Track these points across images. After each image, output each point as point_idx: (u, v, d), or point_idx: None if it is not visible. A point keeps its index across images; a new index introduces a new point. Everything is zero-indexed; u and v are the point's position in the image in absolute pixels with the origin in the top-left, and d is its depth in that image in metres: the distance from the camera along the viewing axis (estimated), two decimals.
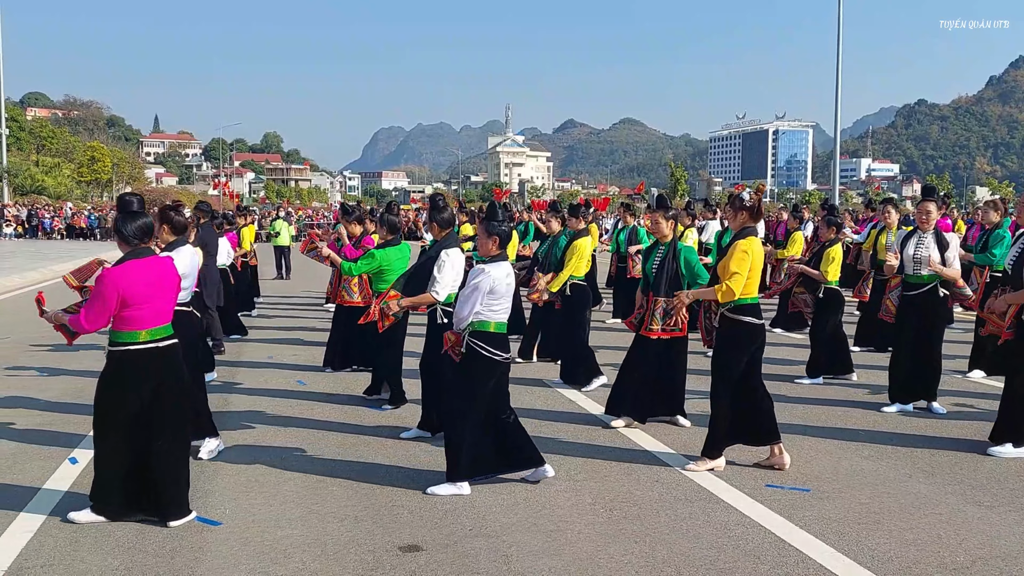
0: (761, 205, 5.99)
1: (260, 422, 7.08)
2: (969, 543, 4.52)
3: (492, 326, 5.32)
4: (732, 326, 5.70)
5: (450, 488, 5.26)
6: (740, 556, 4.36)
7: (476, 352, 5.28)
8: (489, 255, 5.45)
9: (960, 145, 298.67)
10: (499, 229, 5.44)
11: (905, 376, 7.37)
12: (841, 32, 37.70)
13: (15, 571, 4.22)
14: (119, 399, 4.83)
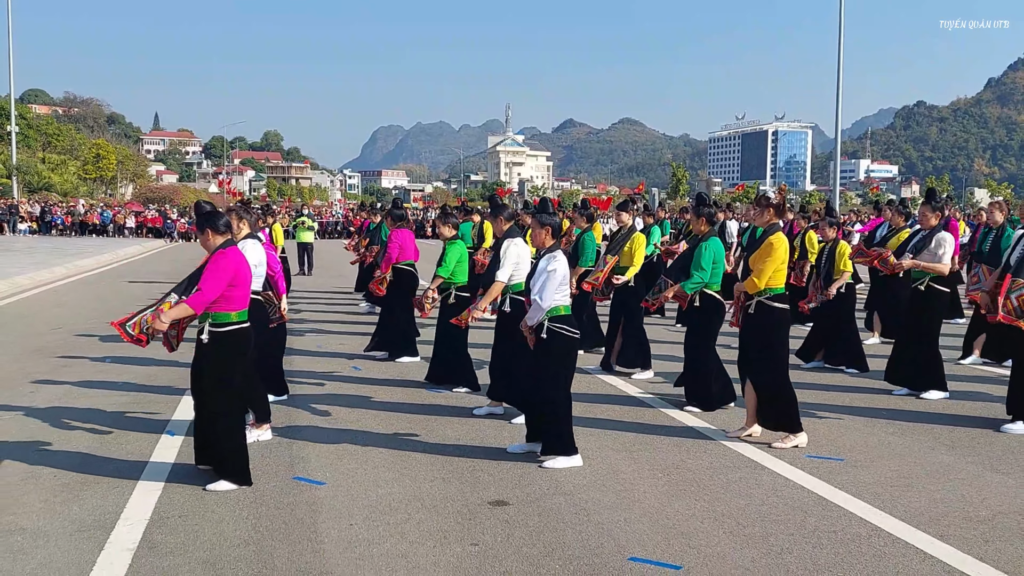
0: (785, 203, 6.62)
1: (328, 403, 7.69)
2: (990, 501, 5.15)
3: (563, 309, 5.89)
4: (769, 312, 6.32)
5: (566, 461, 5.79)
6: (789, 511, 4.99)
7: (557, 334, 5.83)
8: (544, 246, 6.04)
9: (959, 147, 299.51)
10: (551, 220, 6.05)
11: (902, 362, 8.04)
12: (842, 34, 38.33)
13: (156, 520, 4.82)
14: (231, 370, 5.47)
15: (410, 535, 4.62)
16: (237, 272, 5.42)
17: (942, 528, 4.71)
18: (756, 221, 6.65)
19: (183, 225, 48.67)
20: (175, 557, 4.33)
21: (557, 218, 6.15)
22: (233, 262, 5.41)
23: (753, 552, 4.39)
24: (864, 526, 4.75)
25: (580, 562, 4.26)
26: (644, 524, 4.79)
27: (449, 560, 4.29)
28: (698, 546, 4.47)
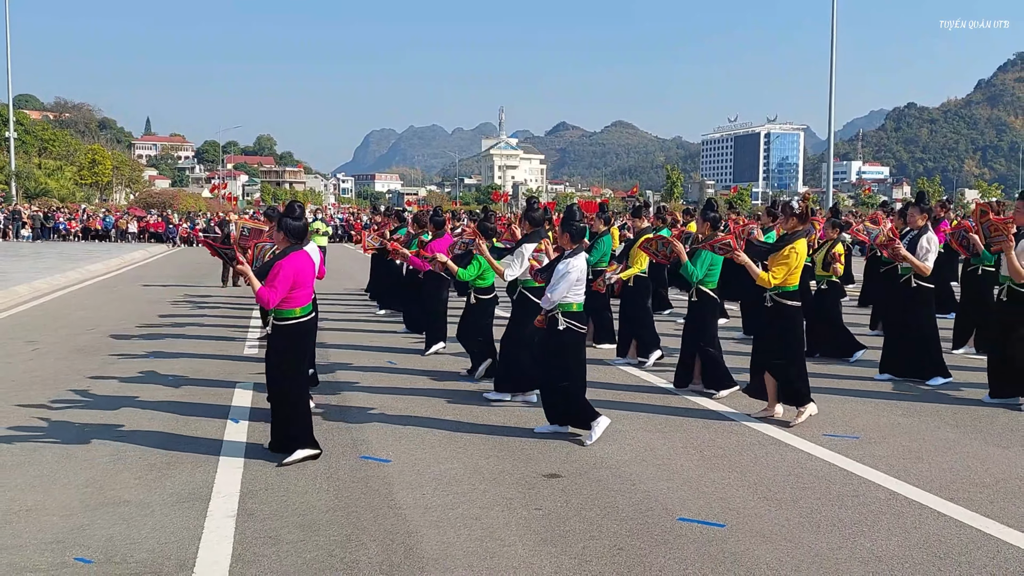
0: (808, 211, 7.21)
1: (375, 393, 8.25)
2: (993, 470, 5.74)
3: (575, 306, 6.51)
4: (783, 310, 6.89)
5: (598, 427, 6.41)
6: (815, 480, 5.56)
7: (568, 328, 6.47)
8: (568, 248, 6.64)
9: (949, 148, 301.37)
10: (572, 227, 6.67)
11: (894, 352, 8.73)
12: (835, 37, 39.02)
13: (246, 492, 5.37)
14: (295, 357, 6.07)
15: (478, 502, 5.18)
16: (299, 274, 5.99)
17: (952, 492, 5.29)
18: (783, 226, 7.24)
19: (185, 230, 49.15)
20: (274, 521, 4.88)
21: (580, 225, 6.77)
22: (296, 265, 5.98)
23: (787, 512, 4.96)
24: (882, 491, 5.32)
25: (635, 522, 4.83)
26: (685, 491, 5.36)
27: (518, 521, 4.85)
28: (736, 508, 5.04)
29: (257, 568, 4.26)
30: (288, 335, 6.06)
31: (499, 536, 4.64)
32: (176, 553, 4.45)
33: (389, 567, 4.25)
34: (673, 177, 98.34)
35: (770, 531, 4.68)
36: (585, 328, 6.63)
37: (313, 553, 4.43)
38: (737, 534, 4.64)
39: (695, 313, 8.15)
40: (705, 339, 8.07)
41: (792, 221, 7.02)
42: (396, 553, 4.42)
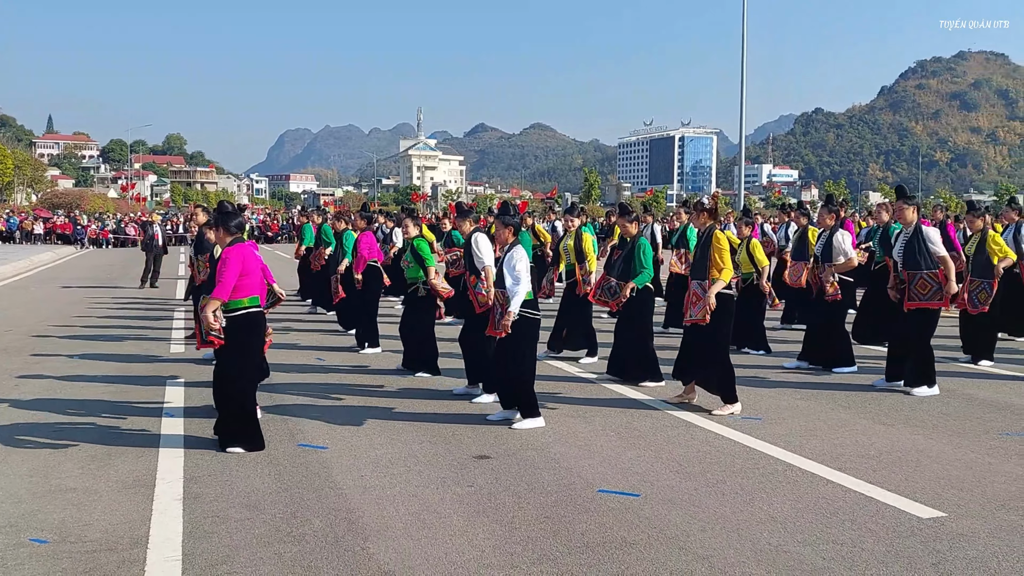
0: (718, 208, 7.79)
1: (307, 388, 8.54)
2: (877, 445, 6.37)
3: (527, 295, 6.93)
4: (723, 301, 7.40)
5: (532, 422, 6.85)
6: (720, 455, 6.10)
7: (524, 317, 6.89)
8: (508, 243, 7.07)
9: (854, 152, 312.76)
10: (512, 221, 7.10)
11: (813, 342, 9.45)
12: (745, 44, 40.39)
13: (190, 478, 5.63)
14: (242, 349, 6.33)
15: (414, 481, 5.55)
16: (245, 262, 6.29)
17: (841, 463, 5.89)
18: (694, 223, 7.77)
19: (93, 231, 47.95)
20: (220, 503, 5.17)
21: (518, 219, 7.22)
22: (242, 254, 6.27)
23: (695, 483, 5.48)
24: (780, 464, 5.89)
25: (559, 494, 5.27)
26: (605, 467, 5.83)
27: (453, 497, 5.24)
28: (651, 481, 5.53)
29: (208, 543, 4.55)
30: (236, 325, 6.31)
31: (435, 510, 5.02)
32: (128, 532, 4.70)
33: (334, 538, 4.59)
34: (591, 180, 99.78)
35: (680, 499, 5.18)
36: (538, 315, 7.02)
37: (261, 529, 4.74)
38: (651, 502, 5.13)
39: (633, 307, 8.59)
40: (641, 332, 8.57)
41: (703, 216, 7.58)
42: (339, 527, 4.77)
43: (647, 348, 8.53)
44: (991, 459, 6.02)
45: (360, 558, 4.34)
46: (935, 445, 6.38)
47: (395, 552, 4.41)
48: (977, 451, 6.22)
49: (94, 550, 4.45)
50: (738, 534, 4.63)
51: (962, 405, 7.70)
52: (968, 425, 6.98)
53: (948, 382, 8.54)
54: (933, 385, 8.08)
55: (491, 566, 4.23)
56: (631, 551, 4.39)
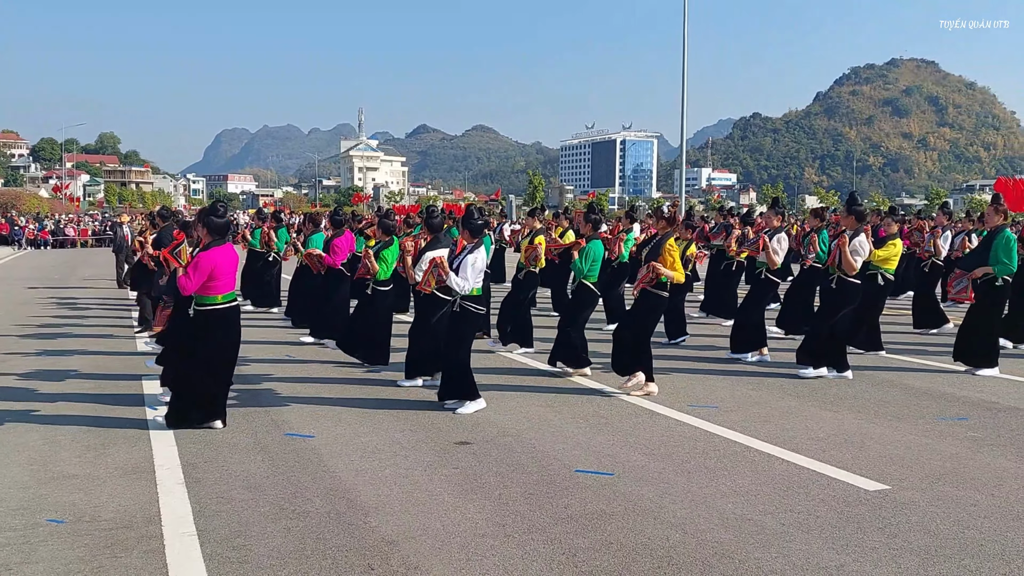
0: (676, 215, 8.37)
1: (282, 380, 8.83)
2: (824, 429, 6.93)
3: (474, 291, 7.39)
4: (652, 297, 7.94)
5: (473, 405, 7.33)
6: (683, 439, 6.60)
7: (468, 311, 7.36)
8: (470, 243, 7.50)
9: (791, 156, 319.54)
10: (472, 224, 7.55)
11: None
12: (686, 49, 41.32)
13: (187, 464, 5.92)
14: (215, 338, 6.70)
15: (402, 465, 5.93)
16: (219, 267, 6.66)
17: (792, 444, 6.43)
18: (655, 228, 8.30)
19: (32, 232, 46.99)
20: (221, 485, 5.48)
21: (480, 222, 7.67)
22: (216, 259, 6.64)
23: (663, 463, 5.96)
24: (738, 446, 6.41)
25: (540, 475, 5.70)
26: (578, 451, 6.28)
27: (441, 478, 5.63)
28: (622, 462, 5.99)
29: (219, 520, 4.87)
30: (209, 319, 6.65)
31: (427, 489, 5.41)
32: (140, 512, 5.00)
33: (336, 515, 4.95)
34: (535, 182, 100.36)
35: (651, 477, 5.65)
36: (483, 310, 7.51)
37: (266, 507, 5.07)
38: (624, 480, 5.59)
39: (573, 301, 9.10)
40: (574, 324, 9.05)
41: (662, 223, 8.10)
42: (340, 504, 5.13)
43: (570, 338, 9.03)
44: (928, 440, 6.61)
45: (363, 530, 4.71)
46: (877, 428, 6.97)
47: (395, 525, 4.79)
48: (915, 433, 6.82)
49: (111, 527, 4.74)
50: (706, 506, 5.10)
51: (900, 394, 8.33)
52: (906, 411, 7.59)
53: (887, 374, 9.19)
54: (844, 370, 8.88)
55: (486, 535, 4.64)
56: (611, 521, 4.84)
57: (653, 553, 4.40)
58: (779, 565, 4.25)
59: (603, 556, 4.37)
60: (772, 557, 4.35)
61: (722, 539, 4.59)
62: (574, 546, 4.50)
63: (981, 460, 6.07)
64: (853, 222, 8.96)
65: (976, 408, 7.71)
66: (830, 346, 8.89)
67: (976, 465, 5.94)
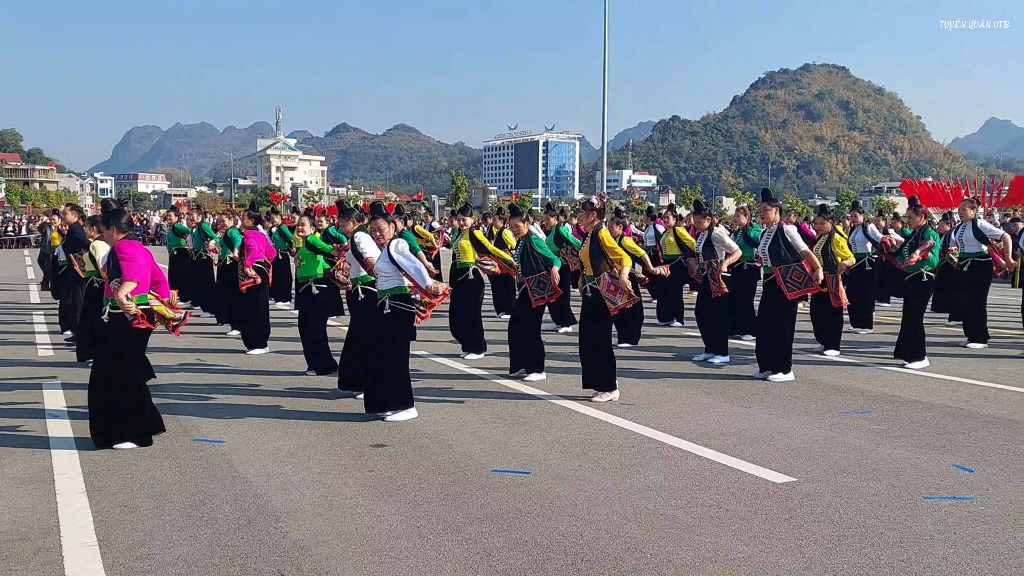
0: (605, 208, 8.40)
1: (192, 386, 8.62)
2: (737, 424, 7.08)
3: (404, 289, 7.29)
4: (599, 296, 7.93)
5: (406, 413, 7.19)
6: (599, 437, 6.66)
7: (399, 310, 7.24)
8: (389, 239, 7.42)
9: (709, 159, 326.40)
10: (393, 220, 7.48)
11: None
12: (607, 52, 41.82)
13: (89, 473, 5.72)
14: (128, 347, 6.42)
15: (316, 469, 5.84)
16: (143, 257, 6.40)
17: (705, 440, 6.54)
18: (583, 223, 8.30)
19: None
20: (125, 494, 5.31)
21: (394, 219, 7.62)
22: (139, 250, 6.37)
23: (578, 460, 6.00)
24: (652, 442, 6.49)
25: (456, 475, 5.68)
26: (495, 450, 6.28)
27: (355, 481, 5.56)
28: (539, 460, 6.01)
29: (122, 530, 4.71)
30: (124, 322, 6.37)
31: (340, 492, 5.33)
32: (38, 523, 4.81)
33: (246, 521, 4.84)
34: (458, 183, 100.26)
35: (566, 474, 5.68)
36: (413, 308, 7.35)
37: (171, 516, 4.93)
38: (540, 478, 5.60)
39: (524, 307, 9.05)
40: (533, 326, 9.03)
41: (592, 216, 8.13)
42: (249, 510, 5.02)
43: (537, 341, 9.01)
44: (833, 433, 6.81)
45: (274, 536, 4.62)
46: (786, 423, 7.15)
47: (307, 530, 4.71)
48: (821, 427, 7.01)
49: (6, 540, 4.55)
50: (619, 502, 5.16)
51: (808, 388, 8.56)
52: (814, 405, 7.80)
53: (796, 369, 9.41)
54: (788, 372, 8.94)
55: (400, 537, 4.59)
56: (527, 519, 4.85)
57: (567, 550, 4.43)
58: (689, 558, 4.32)
59: (517, 554, 4.37)
60: (682, 550, 4.42)
61: (634, 534, 4.64)
62: (489, 545, 4.49)
63: (883, 451, 6.27)
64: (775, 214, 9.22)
65: (879, 402, 7.97)
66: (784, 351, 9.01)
67: (878, 456, 6.14)
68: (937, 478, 5.63)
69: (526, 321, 8.99)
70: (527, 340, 8.95)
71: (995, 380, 9.01)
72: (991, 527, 4.73)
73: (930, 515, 4.92)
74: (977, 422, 7.17)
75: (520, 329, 9.01)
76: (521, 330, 9.00)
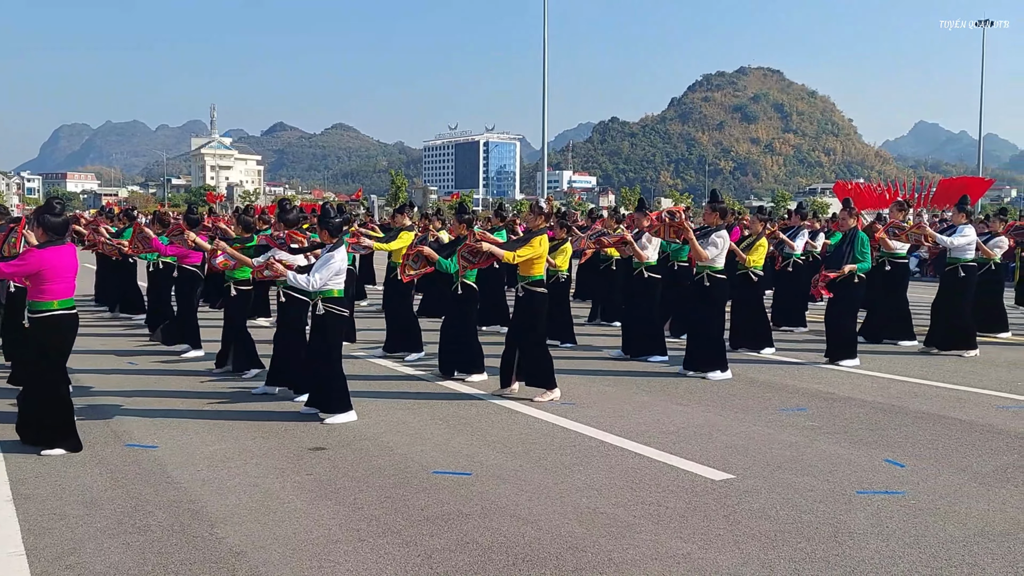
0: (552, 211, 8.45)
1: (124, 390, 8.41)
2: (675, 422, 7.15)
3: (335, 292, 7.21)
4: (532, 296, 7.97)
5: (344, 416, 7.09)
6: (541, 436, 6.67)
7: (332, 313, 7.15)
8: (329, 243, 7.34)
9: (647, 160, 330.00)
10: (330, 224, 7.39)
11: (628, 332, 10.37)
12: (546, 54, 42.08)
13: (16, 481, 5.53)
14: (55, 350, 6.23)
15: (252, 473, 5.73)
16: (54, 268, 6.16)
17: (645, 438, 6.60)
18: (529, 224, 8.29)
19: None
20: (54, 501, 5.15)
21: (338, 221, 7.49)
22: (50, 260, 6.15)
23: (520, 461, 6.00)
24: (593, 441, 6.53)
25: (396, 477, 5.63)
26: (436, 452, 6.24)
27: (293, 485, 5.48)
28: (480, 461, 5.99)
29: (50, 538, 4.57)
30: (45, 327, 6.19)
31: (278, 496, 5.25)
32: None
33: (180, 527, 4.73)
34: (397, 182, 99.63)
35: (507, 475, 5.68)
36: (346, 312, 7.27)
37: (103, 523, 4.80)
38: (481, 479, 5.59)
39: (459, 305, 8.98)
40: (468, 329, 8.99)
41: (539, 219, 8.14)
42: (184, 516, 4.90)
43: (474, 342, 8.98)
44: (770, 430, 6.92)
45: (209, 542, 4.52)
46: (723, 420, 7.24)
47: (244, 535, 4.62)
48: (758, 424, 7.13)
49: None
50: (560, 501, 5.17)
51: (745, 386, 8.70)
52: (751, 403, 7.93)
53: (735, 367, 9.54)
54: (726, 370, 9.07)
55: (339, 541, 4.54)
56: (468, 521, 4.83)
57: (508, 550, 4.42)
58: (629, 556, 4.34)
59: (458, 556, 4.35)
60: (623, 548, 4.44)
61: (575, 533, 4.65)
62: (430, 547, 4.46)
63: (818, 448, 6.40)
64: (716, 218, 9.32)
65: (814, 399, 8.14)
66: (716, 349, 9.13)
67: (813, 453, 6.26)
68: (870, 473, 5.76)
69: (457, 324, 9.00)
70: (459, 342, 8.94)
71: (925, 377, 9.26)
72: (922, 520, 4.85)
73: (863, 509, 5.03)
74: (908, 418, 7.36)
75: (451, 331, 9.01)
76: (452, 333, 9.00)
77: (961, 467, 5.91)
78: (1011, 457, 6.16)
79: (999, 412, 7.58)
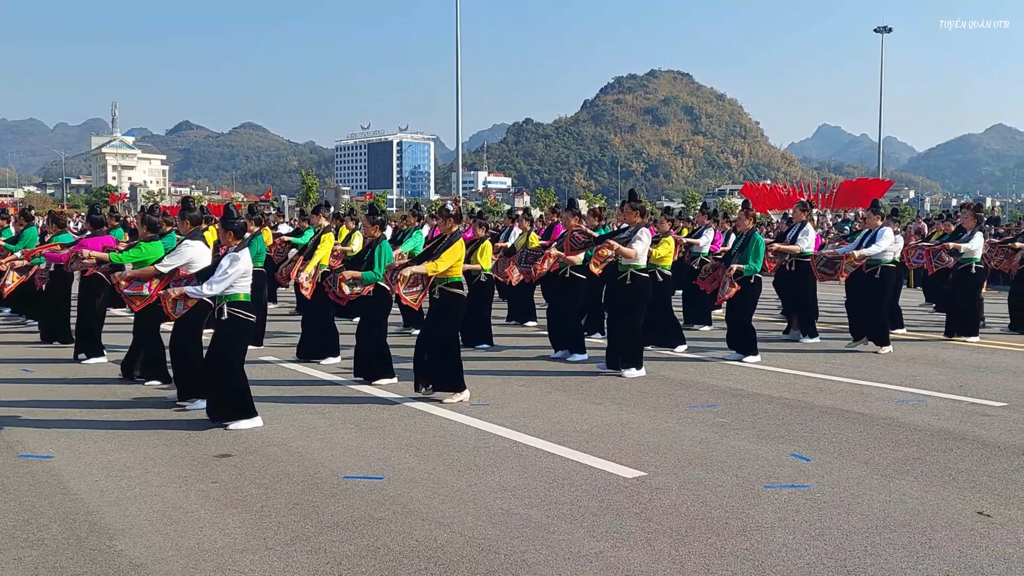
0: (461, 212, 8.33)
1: (16, 399, 8.03)
2: (589, 421, 7.19)
3: (242, 296, 7.01)
4: (449, 298, 7.88)
5: (248, 423, 6.88)
6: (454, 438, 6.61)
7: (235, 317, 6.94)
8: (232, 245, 7.14)
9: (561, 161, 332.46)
10: (234, 225, 7.20)
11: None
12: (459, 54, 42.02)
13: None
14: None
15: (154, 482, 5.52)
16: None
17: (559, 438, 6.60)
18: (440, 228, 8.17)
19: None
20: None
21: (240, 223, 7.30)
22: None
23: (433, 463, 5.93)
24: (507, 442, 6.50)
25: (306, 483, 5.49)
26: (348, 456, 6.12)
27: (197, 494, 5.29)
28: (393, 464, 5.90)
29: None
30: None
31: (180, 506, 5.06)
32: None
33: (76, 540, 4.52)
34: (308, 182, 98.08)
35: (420, 478, 5.60)
36: (253, 317, 7.07)
37: None
38: (394, 483, 5.50)
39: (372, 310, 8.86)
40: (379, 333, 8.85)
41: (449, 222, 8.02)
42: (81, 529, 4.68)
43: (383, 346, 8.84)
44: (681, 427, 7.01)
45: (108, 555, 4.32)
46: (636, 418, 7.31)
47: (144, 547, 4.43)
48: (670, 421, 7.21)
49: None
50: (474, 503, 5.12)
51: (657, 384, 8.81)
52: (662, 400, 8.03)
53: (645, 365, 9.66)
54: (640, 367, 9.18)
55: (245, 550, 4.39)
56: (379, 526, 4.74)
57: (420, 554, 4.35)
58: (542, 556, 4.32)
59: (369, 561, 4.26)
60: (536, 549, 4.42)
61: (488, 535, 4.61)
62: (340, 554, 4.36)
63: (727, 444, 6.50)
64: (637, 216, 9.41)
65: (723, 395, 8.29)
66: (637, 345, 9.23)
67: (722, 448, 6.36)
68: (777, 468, 5.88)
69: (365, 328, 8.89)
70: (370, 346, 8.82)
71: (828, 372, 9.54)
72: (827, 513, 4.97)
73: (771, 503, 5.13)
74: (813, 412, 7.56)
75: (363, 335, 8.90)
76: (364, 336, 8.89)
77: (864, 460, 6.08)
78: (911, 449, 6.37)
79: (899, 406, 7.85)
